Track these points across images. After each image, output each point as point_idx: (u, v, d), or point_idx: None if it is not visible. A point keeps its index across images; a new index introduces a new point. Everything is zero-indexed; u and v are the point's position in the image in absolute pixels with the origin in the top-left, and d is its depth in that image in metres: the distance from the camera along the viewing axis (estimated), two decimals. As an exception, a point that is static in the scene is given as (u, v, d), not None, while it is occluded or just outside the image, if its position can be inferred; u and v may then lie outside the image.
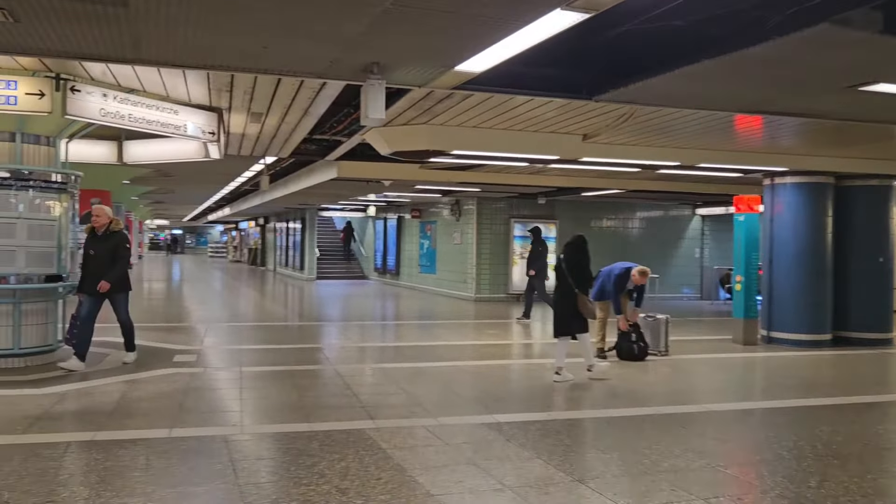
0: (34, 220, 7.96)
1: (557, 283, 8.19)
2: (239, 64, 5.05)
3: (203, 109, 8.14)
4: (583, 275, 7.99)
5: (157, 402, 6.47)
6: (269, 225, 37.28)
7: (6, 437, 5.17)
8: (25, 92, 6.64)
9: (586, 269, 8.08)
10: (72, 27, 4.25)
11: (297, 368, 8.30)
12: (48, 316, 8.19)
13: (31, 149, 7.91)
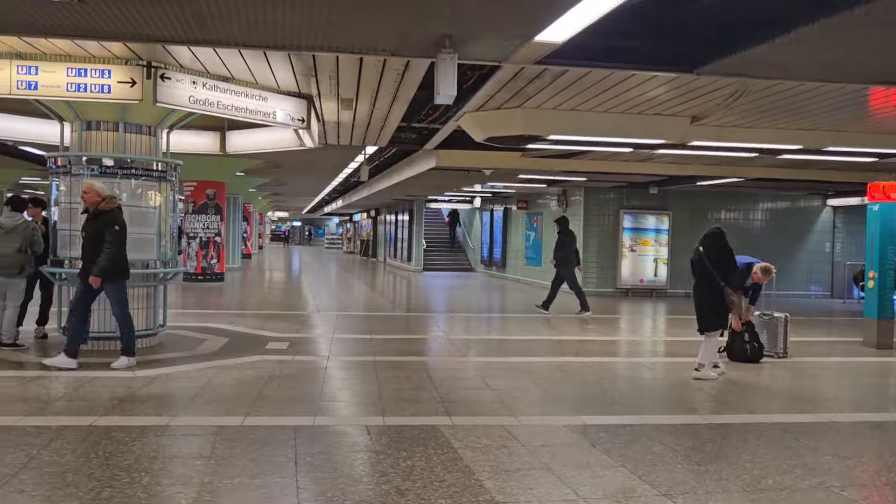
0: (135, 208, 8.18)
1: (697, 277, 7.75)
2: (305, 42, 4.87)
3: (292, 96, 8.11)
4: (728, 267, 7.59)
5: (239, 389, 6.45)
6: (380, 217, 37.87)
7: (88, 419, 5.25)
8: (118, 80, 6.79)
9: (731, 260, 7.67)
10: (135, 6, 4.18)
11: (385, 359, 8.12)
12: (149, 300, 8.41)
13: (134, 138, 8.13)
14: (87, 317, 7.42)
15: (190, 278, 18.04)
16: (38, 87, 6.75)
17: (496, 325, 12.46)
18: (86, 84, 6.76)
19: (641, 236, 18.18)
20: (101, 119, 7.91)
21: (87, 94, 6.82)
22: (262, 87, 7.87)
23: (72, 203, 7.96)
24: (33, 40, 6.25)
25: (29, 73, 6.72)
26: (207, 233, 18.21)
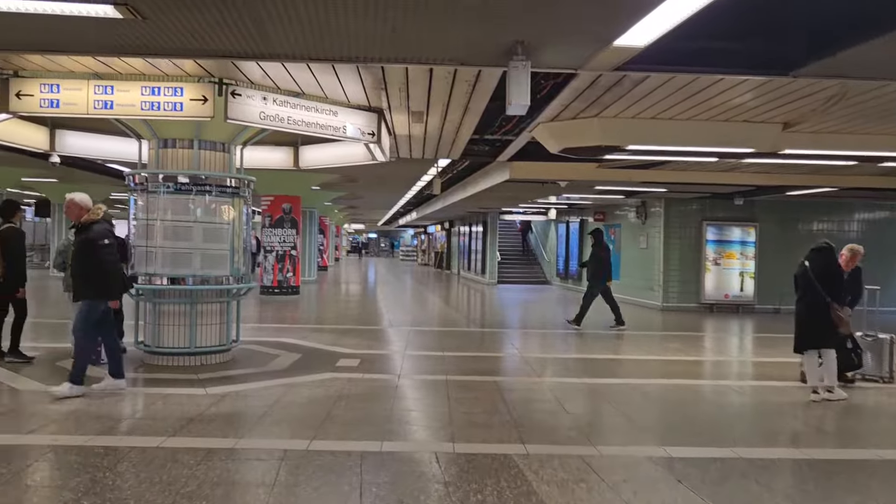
0: (209, 224, 8.22)
1: (802, 292, 7.38)
2: (370, 52, 4.69)
3: (362, 110, 7.99)
4: (837, 283, 7.24)
5: (307, 409, 6.31)
6: (454, 229, 37.78)
7: (157, 440, 5.19)
8: (190, 98, 6.81)
9: (840, 276, 7.33)
10: (194, 16, 4.09)
11: (457, 379, 7.86)
12: (222, 316, 8.43)
13: (208, 155, 8.18)
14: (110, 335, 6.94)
15: (266, 291, 18.30)
16: (113, 107, 6.85)
17: (573, 342, 12.02)
18: (159, 102, 6.82)
19: (726, 249, 17.35)
20: (177, 137, 8.00)
21: (161, 113, 6.87)
22: (332, 102, 7.79)
23: (148, 219, 8.07)
24: (108, 60, 6.33)
25: (105, 92, 6.82)
26: (283, 246, 18.45)
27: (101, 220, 6.72)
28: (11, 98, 6.84)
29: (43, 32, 4.68)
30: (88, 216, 6.70)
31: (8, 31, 4.64)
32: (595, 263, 13.13)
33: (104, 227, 6.71)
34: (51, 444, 5.01)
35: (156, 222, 8.06)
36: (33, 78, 6.88)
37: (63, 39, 4.83)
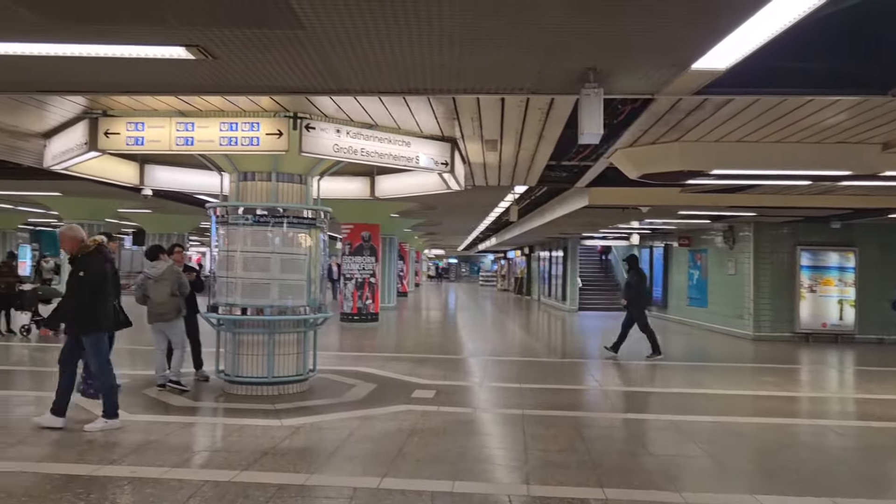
0: (287, 255, 8.33)
1: None
2: (438, 84, 4.62)
3: (436, 140, 7.96)
4: None
5: (380, 445, 6.22)
6: (533, 254, 37.40)
7: (229, 473, 5.20)
8: (266, 132, 6.94)
9: None
10: (263, 56, 4.13)
11: (534, 413, 7.62)
12: (299, 346, 8.49)
13: (286, 187, 8.32)
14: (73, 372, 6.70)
15: (346, 318, 18.49)
16: (194, 143, 7.05)
17: (656, 374, 11.55)
18: (236, 138, 6.98)
19: (823, 275, 16.40)
20: (256, 170, 8.17)
21: (238, 148, 7.03)
22: (404, 133, 7.79)
23: (228, 250, 8.24)
24: (189, 98, 6.54)
25: (186, 129, 7.04)
26: (363, 274, 18.63)
27: (94, 252, 6.53)
28: (100, 136, 7.15)
29: (127, 75, 4.84)
30: (81, 248, 6.51)
31: (95, 73, 4.81)
32: (629, 290, 12.97)
33: (97, 258, 6.53)
34: (129, 476, 5.08)
35: (235, 253, 8.22)
36: (120, 117, 7.18)
37: (145, 80, 4.98)
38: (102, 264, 6.59)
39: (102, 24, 3.65)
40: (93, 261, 6.49)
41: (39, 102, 6.83)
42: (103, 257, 6.67)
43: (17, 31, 3.76)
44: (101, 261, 6.59)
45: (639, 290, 12.87)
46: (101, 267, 6.55)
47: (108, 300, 6.66)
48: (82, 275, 6.40)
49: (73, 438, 6.13)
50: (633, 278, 12.99)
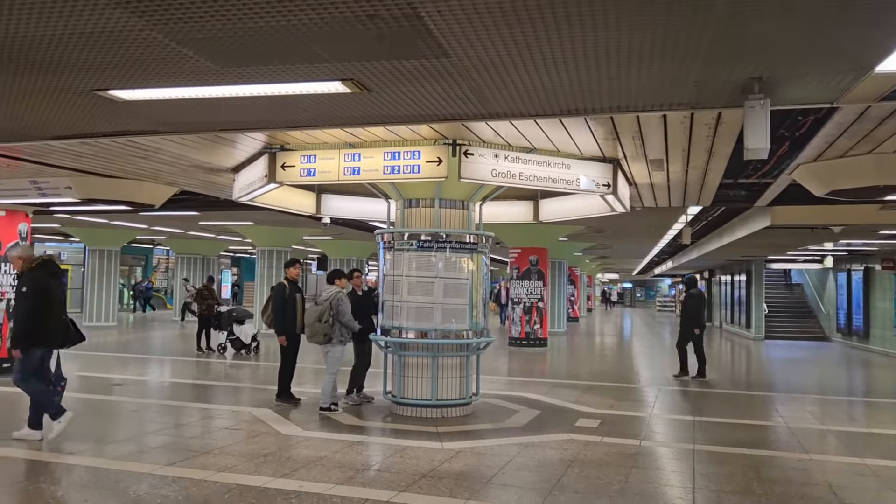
0: (449, 279, 8.47)
1: None
2: (592, 104, 4.48)
3: (596, 161, 7.76)
4: None
5: (538, 474, 6.08)
6: (713, 278, 35.35)
7: (388, 493, 5.31)
8: (426, 160, 7.13)
9: None
10: (414, 87, 4.23)
11: (706, 449, 7.12)
12: (462, 370, 8.57)
13: (448, 213, 8.49)
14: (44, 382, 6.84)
15: (514, 343, 18.47)
16: (360, 172, 7.40)
17: (855, 412, 10.38)
18: (399, 166, 7.23)
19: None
20: (420, 196, 8.42)
21: (400, 176, 7.28)
22: (563, 155, 7.68)
23: (394, 275, 8.53)
24: (354, 130, 6.88)
25: (353, 159, 7.41)
26: (531, 298, 18.56)
27: (35, 268, 6.68)
28: (278, 170, 7.72)
29: (295, 111, 5.18)
30: (26, 265, 6.71)
31: (268, 111, 5.19)
32: (684, 311, 13.35)
33: (39, 274, 6.67)
34: (296, 490, 5.34)
35: (401, 277, 8.49)
36: (295, 150, 7.71)
37: (312, 115, 5.30)
38: (44, 280, 6.70)
39: (265, 65, 3.93)
40: (35, 276, 6.66)
41: (228, 140, 7.49)
42: (47, 273, 6.79)
43: (192, 76, 4.15)
44: (42, 276, 6.71)
45: (692, 312, 12.90)
46: (44, 282, 6.69)
47: (53, 317, 6.74)
48: (24, 290, 6.60)
49: (249, 451, 6.57)
50: (689, 300, 13.16)
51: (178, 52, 3.76)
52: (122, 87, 4.46)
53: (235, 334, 14.85)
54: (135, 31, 3.48)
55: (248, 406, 8.91)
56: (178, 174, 9.23)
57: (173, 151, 7.76)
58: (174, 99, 4.74)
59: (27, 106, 4.91)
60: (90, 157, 8.08)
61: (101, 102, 4.81)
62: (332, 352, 8.61)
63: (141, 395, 9.93)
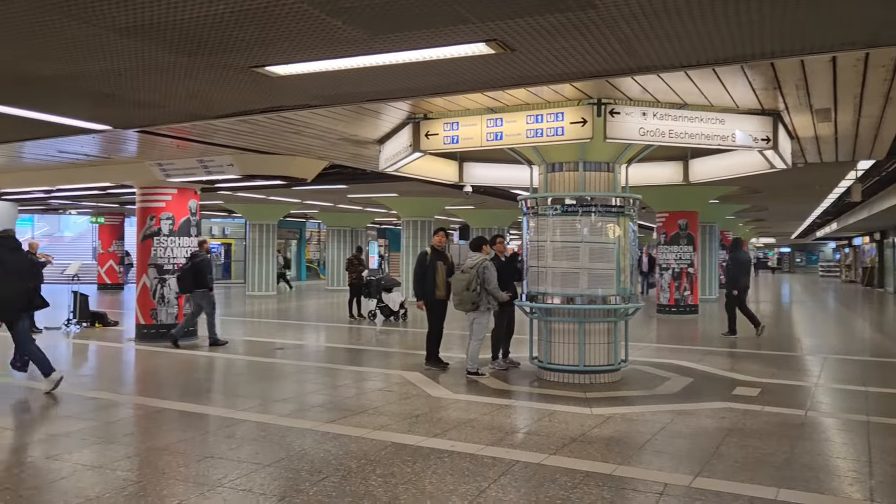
0: (595, 244, 8.30)
1: None
2: (751, 50, 4.15)
3: (754, 114, 7.26)
4: None
5: (693, 441, 5.87)
6: (887, 240, 32.33)
7: (539, 456, 5.33)
8: (570, 122, 6.96)
9: None
10: (558, 42, 4.11)
11: (883, 422, 6.56)
12: (610, 336, 8.41)
13: (593, 176, 8.29)
14: None
15: (663, 310, 17.88)
16: (503, 137, 7.36)
17: None
18: (542, 129, 7.12)
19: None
20: (563, 160, 8.27)
21: (543, 139, 7.16)
22: (717, 109, 7.24)
23: (539, 241, 8.46)
24: (496, 94, 6.84)
25: (496, 125, 7.38)
26: (680, 264, 17.85)
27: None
28: (422, 138, 7.84)
29: (439, 76, 5.20)
30: None
31: (411, 79, 5.26)
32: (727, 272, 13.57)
33: None
34: (449, 450, 5.48)
35: (545, 243, 8.41)
36: (438, 119, 7.79)
37: (453, 80, 5.31)
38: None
39: (410, 30, 3.96)
40: None
41: (374, 112, 7.70)
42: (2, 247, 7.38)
43: (341, 47, 4.26)
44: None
45: (733, 272, 13.19)
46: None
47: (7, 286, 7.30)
48: None
49: (402, 411, 6.81)
50: (732, 263, 13.39)
51: (329, 24, 3.87)
52: (277, 62, 4.66)
53: (384, 302, 15.41)
54: (287, 6, 3.61)
55: (399, 369, 9.24)
56: (328, 148, 9.62)
57: (323, 125, 8.08)
58: (324, 71, 4.90)
59: (198, 85, 5.26)
60: (248, 135, 8.59)
61: (258, 79, 5.07)
62: (478, 318, 8.70)
63: (300, 357, 10.56)
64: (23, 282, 7.45)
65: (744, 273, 13.44)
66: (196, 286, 11.17)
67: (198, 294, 11.25)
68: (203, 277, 11.12)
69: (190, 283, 11.17)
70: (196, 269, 11.14)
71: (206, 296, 11.24)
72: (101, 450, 5.52)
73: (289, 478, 4.79)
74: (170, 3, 3.56)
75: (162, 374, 9.37)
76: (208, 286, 11.21)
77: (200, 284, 11.13)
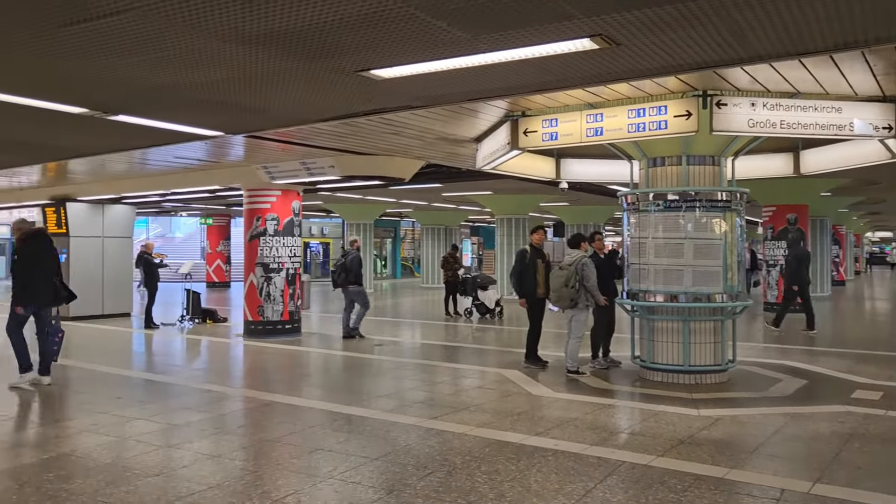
0: (700, 240, 8.05)
1: None
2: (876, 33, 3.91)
3: (874, 102, 6.84)
4: None
5: (810, 446, 5.62)
6: None
7: (646, 457, 5.23)
8: (673, 115, 6.77)
9: None
10: (667, 35, 4.01)
11: None
12: (716, 335, 8.13)
13: (697, 170, 8.04)
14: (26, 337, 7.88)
15: (770, 308, 17.12)
16: (603, 133, 7.25)
17: None
18: (644, 123, 6.96)
19: None
20: (665, 154, 8.06)
21: (645, 133, 7.00)
22: (833, 97, 6.87)
23: (640, 237, 8.28)
24: (596, 89, 6.73)
25: (596, 120, 7.27)
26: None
27: (27, 239, 7.81)
28: (520, 136, 7.82)
29: (540, 73, 5.18)
30: (20, 236, 7.89)
31: (514, 77, 5.26)
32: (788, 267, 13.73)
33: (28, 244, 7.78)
34: (552, 449, 5.45)
35: (647, 240, 8.22)
36: (536, 116, 7.75)
37: (556, 77, 5.27)
38: (32, 248, 7.76)
39: (514, 29, 3.96)
40: (24, 246, 7.80)
41: (471, 111, 7.74)
42: (36, 242, 7.85)
43: (444, 48, 4.31)
44: (31, 245, 7.78)
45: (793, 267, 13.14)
46: (31, 250, 7.75)
47: (41, 279, 7.74)
48: (16, 258, 7.79)
49: (503, 409, 6.82)
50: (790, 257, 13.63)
51: (433, 26, 3.92)
52: (381, 66, 4.76)
53: (480, 299, 15.47)
54: (394, 10, 3.69)
55: (497, 367, 9.25)
56: (425, 147, 9.73)
57: (420, 125, 8.19)
58: (426, 73, 4.97)
59: (306, 90, 5.44)
60: (350, 137, 8.80)
61: (362, 83, 5.19)
62: (577, 316, 8.60)
63: (398, 354, 10.75)
64: (51, 275, 7.95)
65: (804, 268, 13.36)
66: (348, 282, 11.97)
67: (350, 290, 12.01)
68: (355, 274, 11.92)
69: (344, 279, 12.00)
70: (348, 266, 11.96)
71: (358, 291, 11.97)
72: (218, 440, 5.81)
73: (395, 472, 4.90)
74: (286, 12, 3.70)
75: (268, 368, 9.76)
76: (359, 282, 11.97)
77: (353, 281, 11.94)
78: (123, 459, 5.22)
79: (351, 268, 11.98)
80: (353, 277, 11.97)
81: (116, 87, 5.30)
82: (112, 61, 4.58)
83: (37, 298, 7.80)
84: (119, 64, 4.65)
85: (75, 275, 15.32)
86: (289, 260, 12.52)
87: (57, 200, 15.70)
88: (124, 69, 4.79)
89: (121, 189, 14.43)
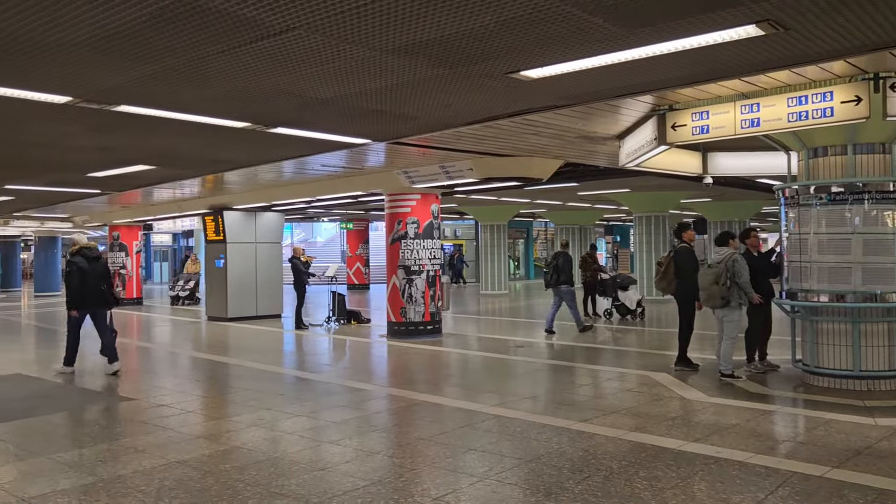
0: (870, 235, 7.44)
1: None
2: None
3: None
4: None
5: None
6: None
7: (819, 468, 4.89)
8: (840, 101, 6.27)
9: None
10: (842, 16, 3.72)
11: None
12: (892, 338, 7.48)
13: (865, 159, 7.45)
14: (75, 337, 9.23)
15: None
16: (759, 124, 6.84)
17: None
18: (806, 111, 6.49)
19: None
20: (827, 144, 7.52)
21: (808, 122, 6.53)
22: None
23: (801, 234, 7.77)
24: (752, 78, 6.37)
25: (751, 111, 6.87)
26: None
27: (76, 253, 9.13)
28: (668, 131, 7.54)
29: (694, 66, 4.99)
30: (71, 251, 9.27)
31: (665, 70, 5.10)
32: None
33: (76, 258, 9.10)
34: (714, 456, 5.21)
35: (808, 236, 7.70)
36: (685, 109, 7.44)
37: (709, 68, 5.06)
38: (79, 261, 9.03)
39: (673, 20, 3.83)
40: (73, 259, 9.11)
41: (613, 107, 7.55)
42: (82, 256, 9.12)
43: (597, 44, 4.22)
44: (79, 259, 9.07)
45: None
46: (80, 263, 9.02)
47: (87, 288, 9.02)
48: (68, 270, 9.12)
49: (656, 413, 6.60)
50: None
51: (588, 23, 3.86)
52: (531, 66, 4.75)
53: (620, 300, 15.10)
54: (548, 9, 3.66)
55: (644, 370, 8.98)
56: (565, 146, 9.62)
57: (561, 125, 8.09)
58: (576, 71, 4.90)
59: (456, 95, 5.53)
60: (490, 139, 8.85)
61: (510, 84, 5.20)
62: (729, 315, 8.19)
63: (538, 356, 10.68)
64: (99, 284, 9.21)
65: None
66: (560, 283, 12.67)
67: (562, 290, 12.69)
68: (567, 275, 12.68)
69: (556, 280, 12.73)
70: (560, 267, 12.70)
71: (567, 290, 12.66)
72: (375, 437, 6.01)
73: (551, 475, 4.86)
74: (437, 21, 3.77)
75: (413, 368, 10.00)
76: (570, 282, 12.73)
77: (564, 281, 12.65)
78: (289, 454, 5.50)
79: (563, 268, 12.66)
80: (564, 278, 12.63)
81: (287, 100, 5.60)
82: (284, 76, 4.85)
83: (84, 302, 9.11)
84: (290, 78, 4.91)
85: (232, 279, 16.41)
86: (429, 262, 12.76)
87: (215, 210, 16.86)
88: (296, 83, 5.06)
89: (271, 197, 15.29)
